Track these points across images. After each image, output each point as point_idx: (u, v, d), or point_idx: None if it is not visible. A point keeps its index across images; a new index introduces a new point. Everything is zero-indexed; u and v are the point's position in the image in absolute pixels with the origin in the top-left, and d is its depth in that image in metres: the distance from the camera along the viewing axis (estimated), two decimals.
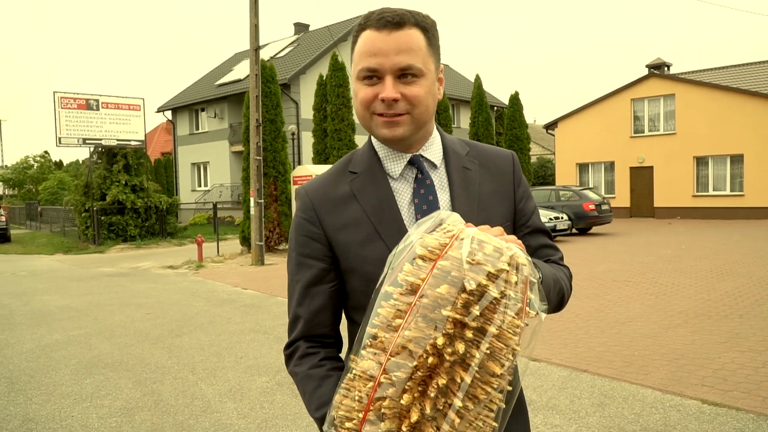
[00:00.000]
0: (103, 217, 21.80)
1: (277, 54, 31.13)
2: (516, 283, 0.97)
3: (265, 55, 28.64)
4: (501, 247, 0.98)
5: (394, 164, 1.37)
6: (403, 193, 1.36)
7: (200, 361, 6.32)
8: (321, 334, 1.38)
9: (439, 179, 1.38)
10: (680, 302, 8.23)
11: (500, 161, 1.47)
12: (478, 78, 27.70)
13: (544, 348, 6.20)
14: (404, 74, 1.26)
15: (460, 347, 0.95)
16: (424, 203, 1.34)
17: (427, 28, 1.30)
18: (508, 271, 0.96)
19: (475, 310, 0.94)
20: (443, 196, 1.37)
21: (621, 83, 28.42)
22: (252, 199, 15.16)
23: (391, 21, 1.25)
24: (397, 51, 1.24)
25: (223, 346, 6.93)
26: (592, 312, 7.80)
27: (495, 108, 34.62)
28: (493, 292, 0.95)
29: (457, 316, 0.95)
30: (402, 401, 0.97)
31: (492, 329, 0.95)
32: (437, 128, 1.44)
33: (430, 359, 0.96)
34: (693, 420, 4.26)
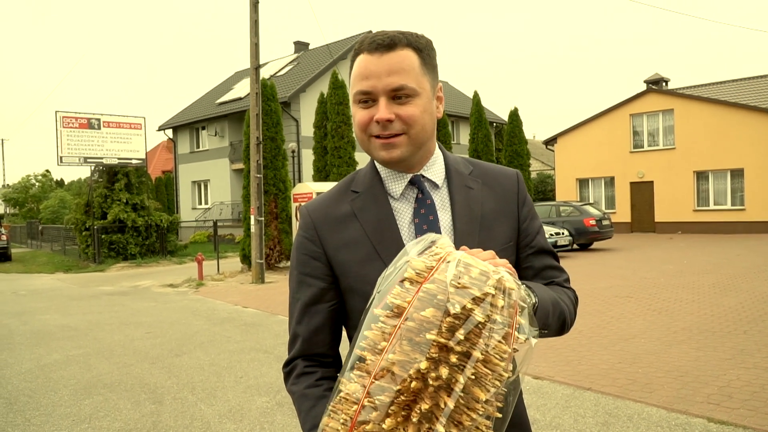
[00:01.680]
0: (103, 236, 21.79)
1: (277, 72, 31.29)
2: (503, 307, 0.95)
3: (265, 73, 28.77)
4: (488, 270, 0.97)
5: (395, 184, 1.37)
6: (404, 213, 1.35)
7: (200, 381, 6.26)
8: (319, 353, 1.38)
9: (441, 199, 1.37)
10: (683, 318, 8.18)
11: (504, 180, 1.45)
12: (476, 94, 27.82)
13: (546, 366, 6.15)
14: (398, 95, 1.26)
15: (444, 372, 0.93)
16: (425, 223, 1.33)
17: (421, 48, 1.30)
18: (494, 295, 0.94)
19: (459, 334, 0.92)
20: (445, 216, 1.35)
21: (619, 99, 28.53)
22: (252, 217, 15.15)
23: (382, 44, 1.26)
24: (389, 72, 1.25)
25: (223, 365, 6.88)
26: (595, 329, 7.75)
27: (494, 124, 34.73)
28: (478, 316, 0.93)
29: (442, 340, 0.93)
30: (384, 425, 0.95)
31: (477, 354, 0.93)
32: (440, 147, 1.43)
33: (414, 383, 0.94)
34: None
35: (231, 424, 4.97)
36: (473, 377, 0.93)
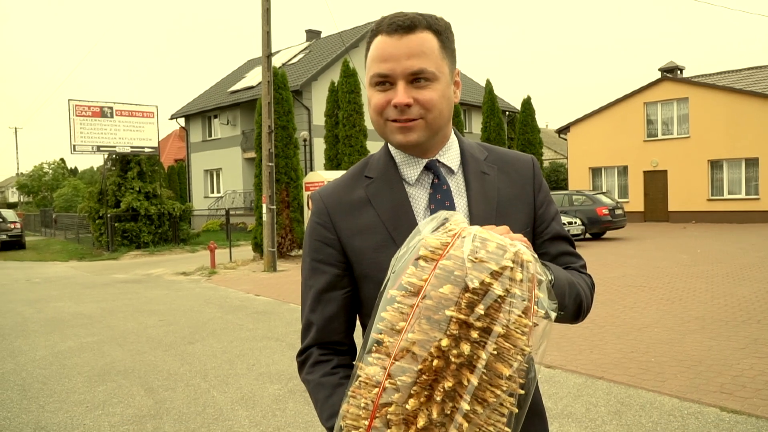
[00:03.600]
0: (116, 224, 21.93)
1: (289, 61, 31.25)
2: (521, 280, 0.93)
3: (277, 62, 28.72)
4: (504, 244, 0.95)
5: (411, 169, 1.35)
6: (419, 199, 1.33)
7: (212, 369, 6.30)
8: (334, 341, 1.36)
9: (457, 185, 1.35)
10: (697, 308, 8.13)
11: (520, 166, 1.43)
12: (489, 83, 27.68)
13: (559, 354, 6.13)
14: (417, 78, 1.23)
15: (466, 348, 0.91)
16: (441, 209, 1.30)
17: (440, 30, 1.27)
18: (512, 269, 0.92)
19: (479, 309, 0.91)
20: (460, 202, 1.33)
21: (633, 87, 28.26)
22: (264, 206, 15.18)
23: (402, 25, 1.23)
24: (409, 55, 1.22)
25: (235, 353, 6.91)
26: (608, 318, 7.72)
27: (507, 113, 34.55)
28: (497, 290, 0.91)
29: (461, 317, 0.91)
30: (408, 406, 0.93)
31: (498, 329, 0.91)
32: (455, 133, 1.41)
33: (436, 362, 0.92)
34: (712, 428, 4.18)
35: (243, 411, 5.00)
36: (495, 353, 0.92)
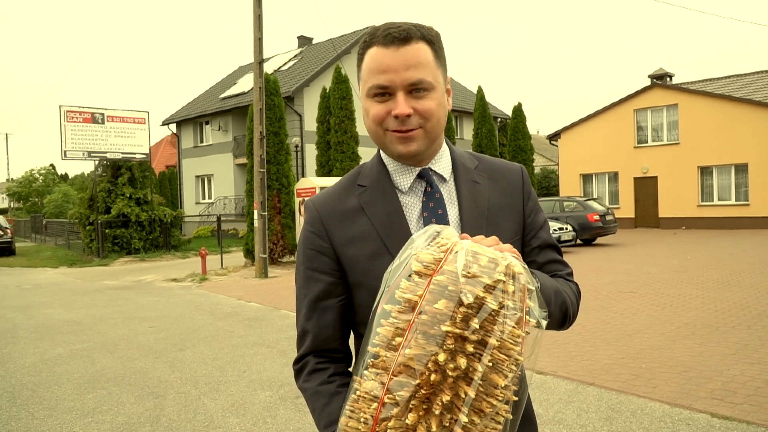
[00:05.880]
0: (107, 230, 21.81)
1: (280, 67, 31.26)
2: (513, 292, 0.95)
3: (268, 68, 28.72)
4: (496, 257, 0.97)
5: (403, 178, 1.36)
6: (412, 207, 1.35)
7: (203, 375, 6.27)
8: (330, 349, 1.37)
9: (448, 193, 1.37)
10: (687, 313, 8.16)
11: (509, 175, 1.45)
12: (480, 90, 27.74)
13: (550, 361, 6.14)
14: (415, 89, 1.25)
15: (462, 362, 0.93)
16: (433, 217, 1.32)
17: (433, 40, 1.29)
18: (504, 282, 0.95)
19: (474, 323, 0.93)
20: (452, 210, 1.35)
21: (623, 94, 28.41)
22: (256, 212, 15.15)
23: (397, 37, 1.24)
24: (407, 66, 1.24)
25: (226, 359, 6.89)
26: (598, 324, 7.74)
27: (498, 119, 34.65)
28: (492, 303, 0.93)
29: (457, 331, 0.93)
30: (407, 420, 0.95)
31: (493, 341, 0.94)
32: (446, 141, 1.43)
33: (433, 376, 0.94)
34: None
35: (234, 418, 4.98)
36: (491, 364, 0.94)
